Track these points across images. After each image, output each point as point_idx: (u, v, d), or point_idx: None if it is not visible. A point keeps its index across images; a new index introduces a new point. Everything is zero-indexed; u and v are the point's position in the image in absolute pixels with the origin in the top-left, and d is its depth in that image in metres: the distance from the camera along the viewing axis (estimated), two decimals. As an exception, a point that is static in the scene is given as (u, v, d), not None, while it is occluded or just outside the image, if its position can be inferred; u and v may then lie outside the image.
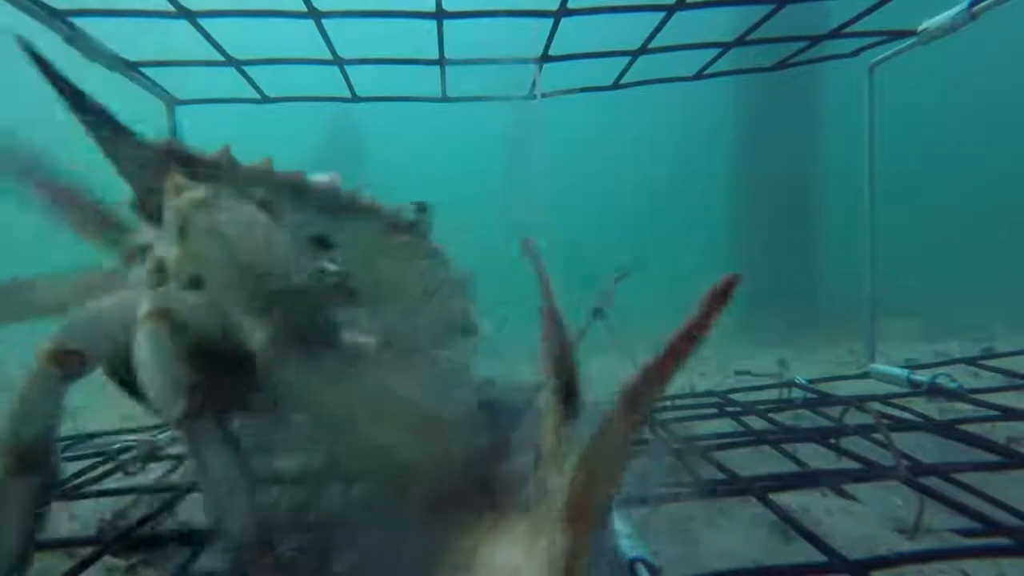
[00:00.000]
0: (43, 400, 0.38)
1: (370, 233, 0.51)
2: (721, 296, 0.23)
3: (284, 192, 0.49)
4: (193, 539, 0.54)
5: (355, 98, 1.17)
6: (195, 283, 0.39)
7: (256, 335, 0.33)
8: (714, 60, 1.10)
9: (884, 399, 0.97)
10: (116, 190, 0.49)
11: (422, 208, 0.57)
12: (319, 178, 0.52)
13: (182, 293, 0.40)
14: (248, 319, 0.33)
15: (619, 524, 0.45)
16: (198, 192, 0.39)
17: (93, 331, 0.41)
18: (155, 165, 0.44)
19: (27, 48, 0.40)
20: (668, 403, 1.07)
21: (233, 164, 0.48)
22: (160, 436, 0.87)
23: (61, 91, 0.42)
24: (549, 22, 0.94)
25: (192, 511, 0.66)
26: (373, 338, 0.45)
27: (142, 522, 0.59)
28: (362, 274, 0.47)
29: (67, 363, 0.39)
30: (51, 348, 0.38)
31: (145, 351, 0.37)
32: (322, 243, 0.47)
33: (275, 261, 0.36)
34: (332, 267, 0.43)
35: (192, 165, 0.45)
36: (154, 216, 0.45)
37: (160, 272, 0.43)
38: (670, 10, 0.90)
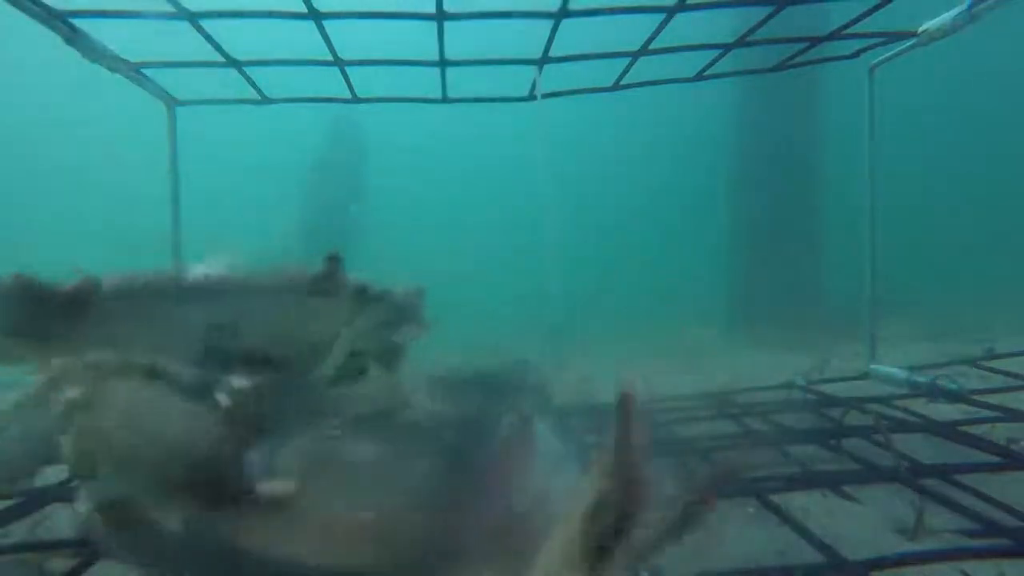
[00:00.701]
0: None
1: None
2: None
3: None
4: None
5: (355, 99, 1.17)
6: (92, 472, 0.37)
7: (170, 522, 0.32)
8: (714, 61, 1.10)
9: (884, 400, 0.97)
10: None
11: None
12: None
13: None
14: (157, 508, 0.32)
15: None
16: (76, 391, 0.37)
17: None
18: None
19: None
20: (669, 404, 1.07)
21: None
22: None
23: None
24: (550, 23, 0.94)
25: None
26: (291, 481, 0.44)
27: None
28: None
29: None
30: None
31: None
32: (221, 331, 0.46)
33: (169, 441, 0.34)
34: (232, 391, 0.39)
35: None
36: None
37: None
38: (670, 11, 0.90)
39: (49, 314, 0.42)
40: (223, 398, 0.37)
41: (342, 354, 0.51)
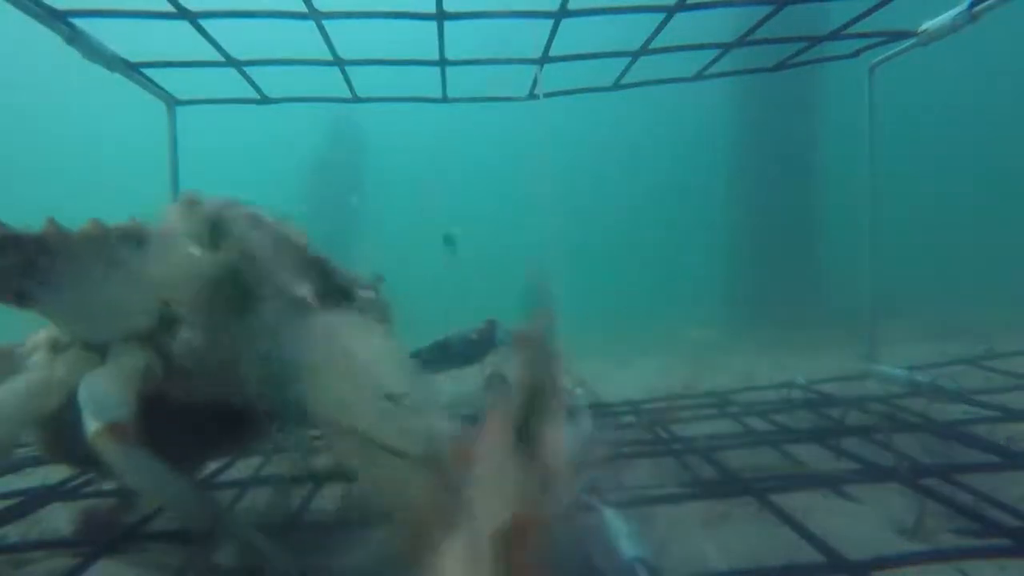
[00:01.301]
0: None
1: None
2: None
3: None
4: (191, 538, 0.54)
5: (355, 99, 1.17)
6: (234, 284, 0.45)
7: (302, 289, 0.40)
8: (714, 61, 1.10)
9: (884, 400, 0.97)
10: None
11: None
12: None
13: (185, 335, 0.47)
14: (289, 280, 0.41)
15: (618, 524, 0.45)
16: (213, 204, 0.47)
17: None
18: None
19: None
20: (668, 404, 1.07)
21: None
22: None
23: None
24: (549, 23, 0.94)
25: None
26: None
27: (143, 521, 0.59)
28: None
29: None
30: None
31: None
32: None
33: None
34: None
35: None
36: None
37: (53, 350, 0.48)
38: (670, 11, 0.90)
39: (22, 261, 0.44)
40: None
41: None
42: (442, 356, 0.75)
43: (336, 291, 0.57)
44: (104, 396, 0.41)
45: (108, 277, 0.45)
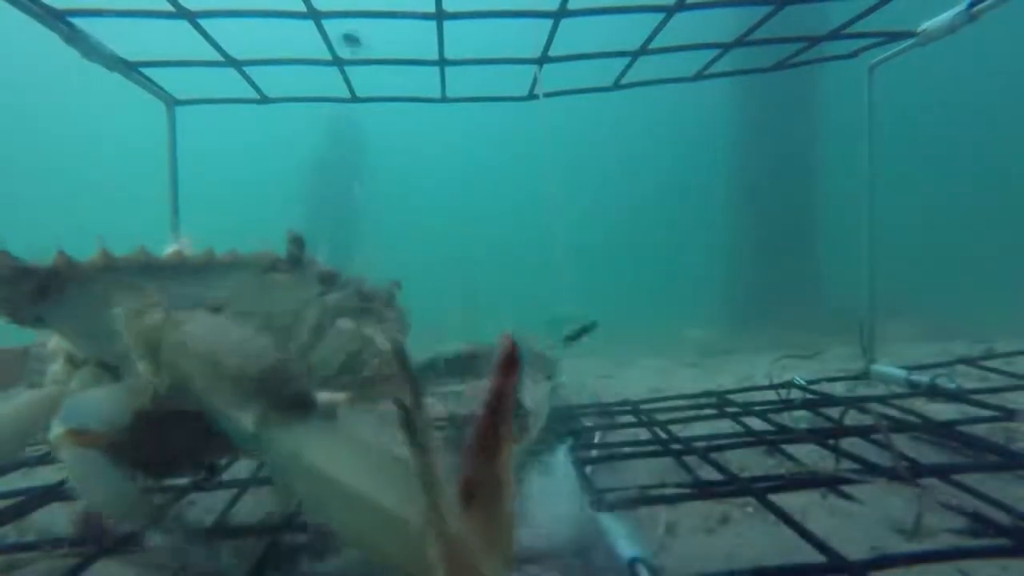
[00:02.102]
0: None
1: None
2: (508, 364, 0.27)
3: None
4: (190, 537, 0.54)
5: (355, 98, 1.17)
6: (174, 390, 0.42)
7: (246, 421, 0.35)
8: (714, 61, 1.10)
9: (884, 400, 0.97)
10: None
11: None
12: None
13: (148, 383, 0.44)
14: (234, 410, 0.36)
15: (616, 525, 0.45)
16: (157, 314, 0.43)
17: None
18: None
19: None
20: (668, 404, 1.07)
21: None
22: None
23: None
24: (549, 23, 0.94)
25: (190, 512, 0.66)
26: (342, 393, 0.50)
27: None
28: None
29: None
30: None
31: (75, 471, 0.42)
32: None
33: (245, 353, 0.38)
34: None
35: None
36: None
37: (71, 363, 0.49)
38: (670, 11, 0.90)
39: (30, 290, 0.46)
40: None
41: (307, 330, 0.55)
42: (461, 367, 0.75)
43: (363, 311, 0.58)
44: (79, 405, 0.44)
45: (117, 303, 0.47)
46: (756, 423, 0.91)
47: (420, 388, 0.29)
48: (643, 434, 0.92)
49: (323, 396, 0.45)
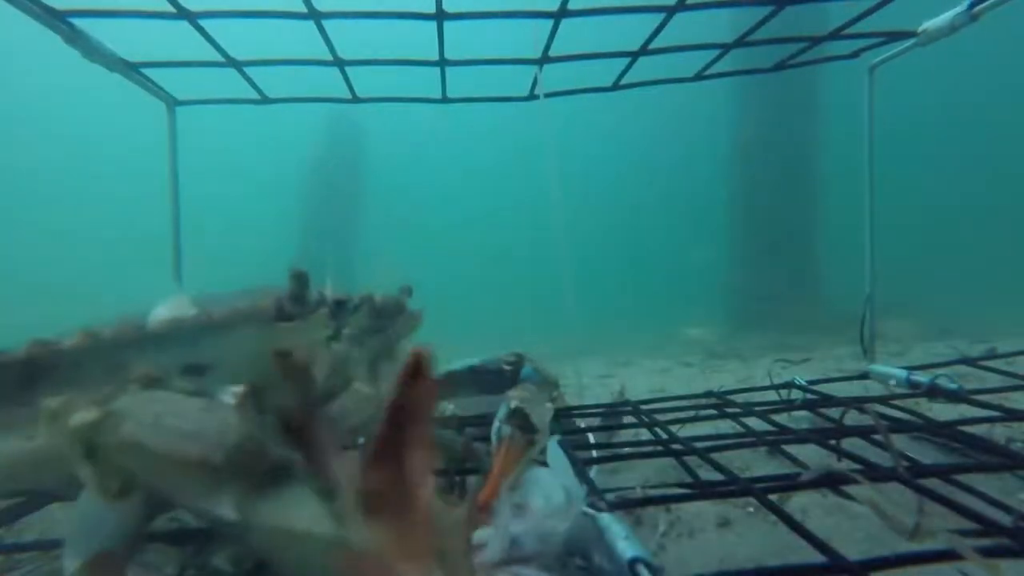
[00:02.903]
0: None
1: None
2: (414, 375, 0.26)
3: None
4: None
5: (355, 99, 1.17)
6: (124, 492, 0.37)
7: (225, 510, 0.31)
8: (714, 61, 1.10)
9: (884, 400, 0.97)
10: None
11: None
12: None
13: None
14: (208, 503, 0.31)
15: (616, 526, 0.45)
16: (90, 413, 0.36)
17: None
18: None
19: None
20: (668, 404, 1.07)
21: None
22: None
23: None
24: (549, 23, 0.94)
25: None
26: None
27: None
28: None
29: None
30: None
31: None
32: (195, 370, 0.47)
33: (202, 434, 0.33)
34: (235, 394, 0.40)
35: None
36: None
37: None
38: (670, 11, 0.90)
39: (7, 381, 0.42)
40: (229, 397, 0.37)
41: (325, 370, 0.52)
42: (472, 381, 0.75)
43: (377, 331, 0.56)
44: (91, 528, 0.39)
45: (107, 380, 0.41)
46: (757, 424, 0.91)
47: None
48: (643, 434, 0.92)
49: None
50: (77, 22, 0.88)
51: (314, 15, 0.87)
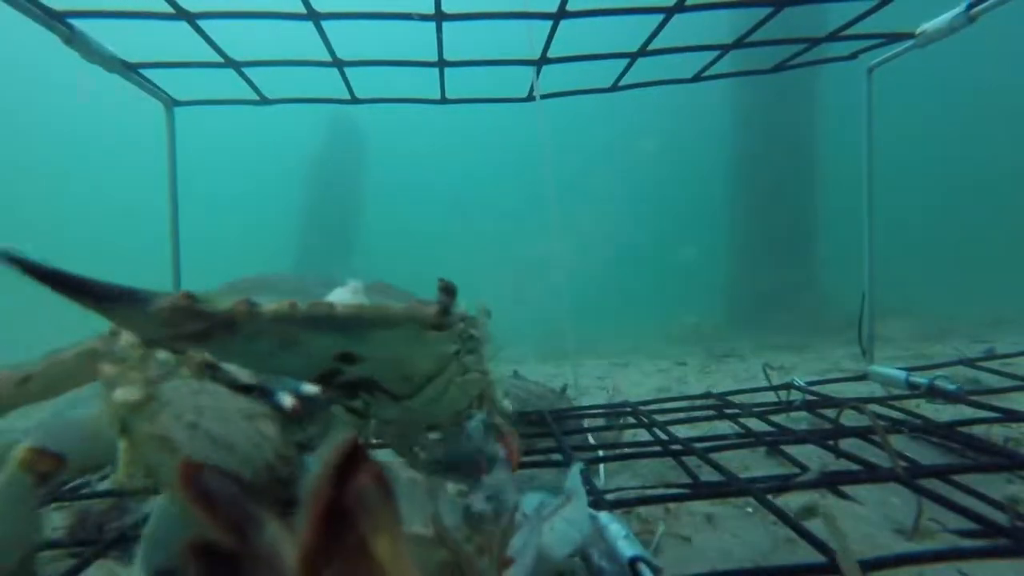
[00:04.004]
0: (18, 508, 0.37)
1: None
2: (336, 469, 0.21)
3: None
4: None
5: (354, 100, 1.17)
6: (150, 476, 0.35)
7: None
8: (713, 62, 1.10)
9: (883, 401, 0.97)
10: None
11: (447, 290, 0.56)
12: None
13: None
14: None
15: (615, 526, 0.45)
16: (133, 392, 0.35)
17: (72, 436, 0.40)
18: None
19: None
20: (668, 405, 1.07)
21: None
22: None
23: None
24: (548, 24, 0.94)
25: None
26: None
27: (139, 523, 0.59)
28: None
29: (42, 466, 0.38)
30: (27, 451, 0.37)
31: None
32: (347, 359, 0.44)
33: (234, 447, 0.31)
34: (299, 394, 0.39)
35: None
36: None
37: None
38: (669, 12, 0.90)
39: (202, 331, 0.41)
40: (287, 399, 0.37)
41: (446, 382, 0.53)
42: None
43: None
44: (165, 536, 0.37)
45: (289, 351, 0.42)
46: (756, 424, 0.91)
47: None
48: (643, 435, 0.92)
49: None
50: (76, 23, 0.88)
51: (313, 16, 0.87)
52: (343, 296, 0.51)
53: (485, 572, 0.30)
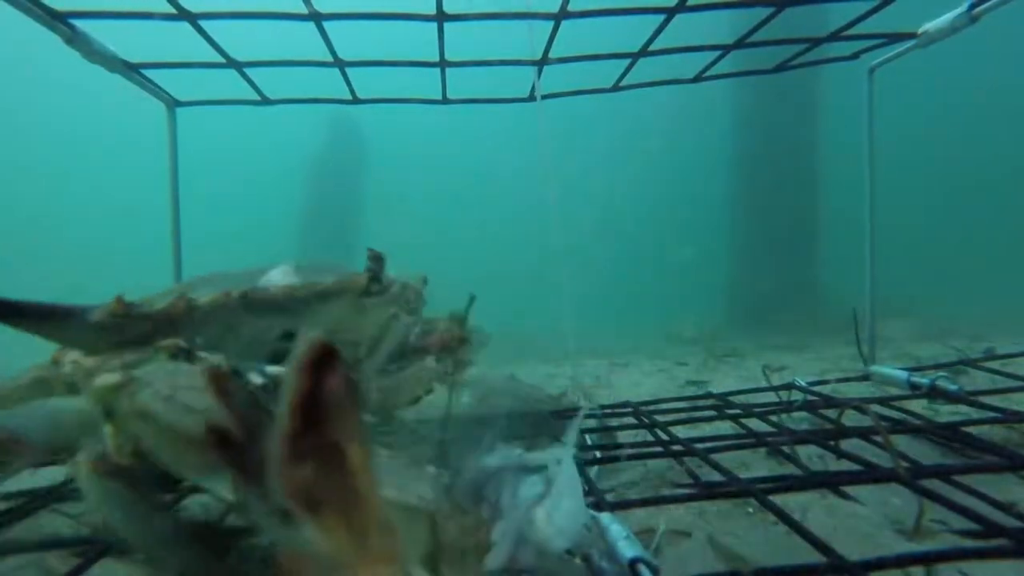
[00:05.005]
0: None
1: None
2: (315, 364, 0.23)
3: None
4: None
5: (355, 100, 1.17)
6: (137, 455, 0.38)
7: (223, 489, 0.31)
8: (714, 62, 1.10)
9: (884, 401, 0.97)
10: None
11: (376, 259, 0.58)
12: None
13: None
14: (209, 479, 0.32)
15: (616, 527, 0.45)
16: (113, 376, 0.37)
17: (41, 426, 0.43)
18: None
19: None
20: (668, 405, 1.07)
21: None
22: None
23: None
24: (549, 24, 0.94)
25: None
26: None
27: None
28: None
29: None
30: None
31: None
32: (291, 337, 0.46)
33: (207, 412, 0.33)
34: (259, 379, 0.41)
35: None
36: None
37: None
38: (670, 12, 0.90)
39: (143, 331, 0.43)
40: (255, 377, 0.38)
41: (390, 347, 0.56)
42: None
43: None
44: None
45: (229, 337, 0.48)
46: (757, 425, 0.91)
47: None
48: (644, 436, 0.92)
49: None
50: (78, 23, 0.88)
51: (314, 16, 0.87)
52: (275, 279, 0.53)
53: (465, 552, 0.31)
